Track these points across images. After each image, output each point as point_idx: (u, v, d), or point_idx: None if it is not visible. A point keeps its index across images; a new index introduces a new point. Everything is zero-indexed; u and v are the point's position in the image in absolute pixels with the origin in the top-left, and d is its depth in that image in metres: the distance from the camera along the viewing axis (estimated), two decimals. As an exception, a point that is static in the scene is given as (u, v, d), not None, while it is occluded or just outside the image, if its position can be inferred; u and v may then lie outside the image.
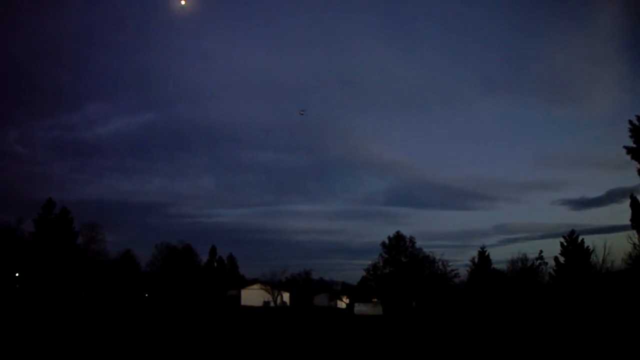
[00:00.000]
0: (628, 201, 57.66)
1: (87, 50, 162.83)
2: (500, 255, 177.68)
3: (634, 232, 48.09)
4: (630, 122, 44.31)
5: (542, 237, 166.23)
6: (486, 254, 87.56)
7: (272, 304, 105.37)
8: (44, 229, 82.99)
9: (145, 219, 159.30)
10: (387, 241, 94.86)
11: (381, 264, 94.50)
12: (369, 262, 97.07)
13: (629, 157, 44.95)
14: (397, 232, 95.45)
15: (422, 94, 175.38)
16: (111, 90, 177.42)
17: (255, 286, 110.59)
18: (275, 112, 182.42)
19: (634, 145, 44.11)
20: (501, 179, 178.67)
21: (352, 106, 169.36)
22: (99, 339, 28.83)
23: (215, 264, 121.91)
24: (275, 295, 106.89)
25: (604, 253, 60.51)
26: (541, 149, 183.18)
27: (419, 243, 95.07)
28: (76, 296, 77.83)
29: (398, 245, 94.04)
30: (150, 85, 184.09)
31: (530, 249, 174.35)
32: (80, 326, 36.07)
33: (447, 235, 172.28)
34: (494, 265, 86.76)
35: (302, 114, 55.79)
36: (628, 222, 49.75)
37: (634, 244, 50.50)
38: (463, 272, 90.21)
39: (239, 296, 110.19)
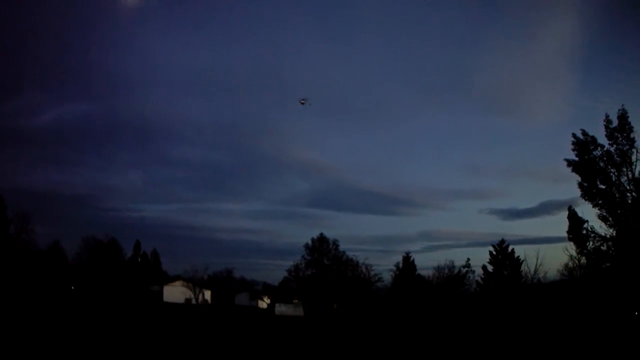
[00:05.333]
0: (561, 213, 55.98)
1: (26, 38, 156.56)
2: (426, 262, 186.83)
3: (571, 243, 47.44)
4: (574, 135, 44.40)
5: (470, 245, 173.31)
6: (411, 259, 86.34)
7: (193, 302, 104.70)
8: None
9: (74, 211, 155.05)
10: (310, 243, 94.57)
11: (303, 266, 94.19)
12: (291, 263, 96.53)
13: (567, 170, 44.85)
14: (321, 234, 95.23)
15: (355, 99, 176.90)
16: (48, 80, 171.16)
17: (178, 283, 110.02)
18: (207, 110, 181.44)
19: (576, 159, 44.09)
20: (429, 186, 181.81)
21: (283, 107, 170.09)
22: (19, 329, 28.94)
23: (139, 259, 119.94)
24: (197, 292, 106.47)
25: (537, 263, 60.23)
26: (474, 159, 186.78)
27: (342, 246, 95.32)
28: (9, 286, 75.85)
29: (321, 248, 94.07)
30: (87, 76, 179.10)
31: (457, 257, 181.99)
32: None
33: (371, 239, 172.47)
34: (419, 272, 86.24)
35: (302, 103, 55.13)
36: (561, 234, 49.15)
37: (571, 256, 50.53)
38: (387, 277, 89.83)
39: (161, 292, 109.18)
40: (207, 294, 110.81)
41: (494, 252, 71.24)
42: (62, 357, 19.89)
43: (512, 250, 70.36)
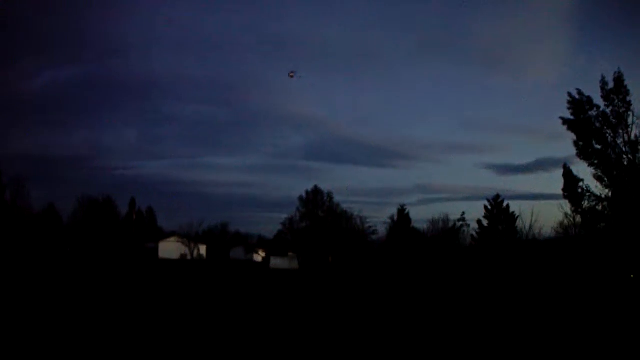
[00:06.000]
0: (556, 171, 58.18)
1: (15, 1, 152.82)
2: (421, 215, 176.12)
3: (566, 201, 47.31)
4: (570, 94, 43.98)
5: (465, 199, 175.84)
6: (406, 212, 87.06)
7: (188, 257, 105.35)
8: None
9: (69, 173, 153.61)
10: (304, 195, 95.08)
11: (298, 218, 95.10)
12: (286, 216, 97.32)
13: (563, 128, 44.75)
14: (315, 187, 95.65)
15: (348, 50, 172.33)
16: (40, 43, 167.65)
17: (173, 239, 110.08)
18: (200, 66, 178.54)
19: (572, 117, 43.78)
20: (425, 139, 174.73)
21: (274, 60, 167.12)
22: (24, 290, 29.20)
23: (135, 217, 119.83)
24: (192, 248, 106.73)
25: (532, 219, 59.61)
26: (470, 113, 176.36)
27: (337, 199, 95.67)
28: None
29: (316, 200, 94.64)
30: (79, 38, 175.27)
31: (452, 211, 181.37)
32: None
33: (366, 192, 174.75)
34: (414, 225, 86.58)
35: (291, 76, 53.25)
36: (556, 192, 50.59)
37: (566, 214, 50.03)
38: (382, 230, 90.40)
39: (156, 249, 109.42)
40: (203, 249, 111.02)
41: (489, 207, 71.74)
42: (61, 316, 19.71)
43: (507, 205, 70.78)
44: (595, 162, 42.79)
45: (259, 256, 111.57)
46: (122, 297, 28.74)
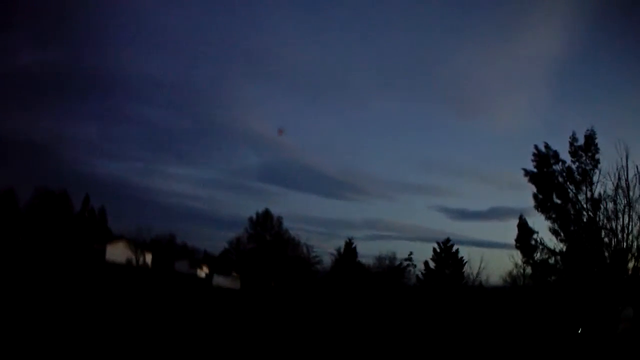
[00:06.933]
0: (511, 220, 56.58)
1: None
2: (368, 250, 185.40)
3: (517, 252, 46.77)
4: (536, 147, 43.47)
5: (414, 239, 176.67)
6: (353, 245, 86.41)
7: (134, 263, 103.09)
8: None
9: (29, 159, 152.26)
10: (254, 217, 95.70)
11: (245, 239, 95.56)
12: (234, 235, 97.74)
13: (522, 179, 44.08)
14: (266, 210, 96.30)
15: (316, 77, 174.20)
16: (7, 26, 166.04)
17: (121, 243, 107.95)
18: (169, 70, 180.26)
19: (535, 170, 43.50)
20: (380, 175, 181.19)
21: (243, 75, 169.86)
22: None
23: (87, 215, 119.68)
24: (139, 254, 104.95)
25: (480, 265, 60.11)
26: (429, 154, 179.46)
27: (286, 224, 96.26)
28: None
29: (265, 223, 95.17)
30: (45, 23, 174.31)
31: (400, 249, 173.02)
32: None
33: (316, 220, 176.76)
34: (360, 259, 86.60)
35: (280, 134, 57.03)
36: (508, 241, 48.64)
37: (516, 264, 49.74)
38: (327, 261, 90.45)
39: (104, 251, 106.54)
40: (148, 257, 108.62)
41: (438, 250, 71.81)
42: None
43: (457, 250, 71.14)
44: (553, 215, 42.48)
45: (203, 272, 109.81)
46: (67, 297, 29.82)
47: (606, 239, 38.99)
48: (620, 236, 37.31)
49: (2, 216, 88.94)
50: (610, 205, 38.88)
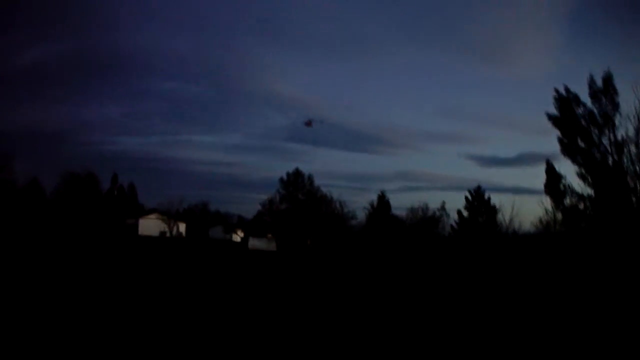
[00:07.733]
0: (539, 166, 57.21)
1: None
2: (401, 202, 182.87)
3: (547, 197, 46.78)
4: (556, 90, 43.29)
5: (446, 188, 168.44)
6: (386, 198, 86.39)
7: (168, 235, 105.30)
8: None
9: (53, 148, 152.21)
10: (285, 177, 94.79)
11: (278, 200, 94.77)
12: (266, 197, 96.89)
13: (548, 123, 44.31)
14: (296, 169, 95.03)
15: (333, 33, 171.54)
16: (23, 18, 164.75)
17: (153, 216, 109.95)
18: (185, 43, 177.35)
19: (557, 114, 43.28)
20: (407, 126, 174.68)
21: (260, 40, 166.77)
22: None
23: (116, 192, 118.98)
24: (172, 225, 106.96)
25: (512, 212, 58.62)
26: (455, 102, 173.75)
27: (317, 181, 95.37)
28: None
29: (296, 182, 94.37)
30: (63, 12, 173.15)
31: (433, 200, 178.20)
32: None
33: (347, 176, 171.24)
34: (394, 211, 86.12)
35: (309, 125, 54.69)
36: (537, 187, 49.28)
37: (546, 210, 48.81)
38: (361, 215, 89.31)
39: (136, 225, 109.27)
40: (182, 227, 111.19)
41: (470, 198, 70.90)
42: (44, 289, 20.68)
43: (489, 197, 70.04)
44: (580, 160, 42.48)
45: (238, 236, 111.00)
46: (104, 274, 29.25)
47: (632, 184, 39.25)
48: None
49: (29, 205, 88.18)
50: (633, 149, 39.23)
